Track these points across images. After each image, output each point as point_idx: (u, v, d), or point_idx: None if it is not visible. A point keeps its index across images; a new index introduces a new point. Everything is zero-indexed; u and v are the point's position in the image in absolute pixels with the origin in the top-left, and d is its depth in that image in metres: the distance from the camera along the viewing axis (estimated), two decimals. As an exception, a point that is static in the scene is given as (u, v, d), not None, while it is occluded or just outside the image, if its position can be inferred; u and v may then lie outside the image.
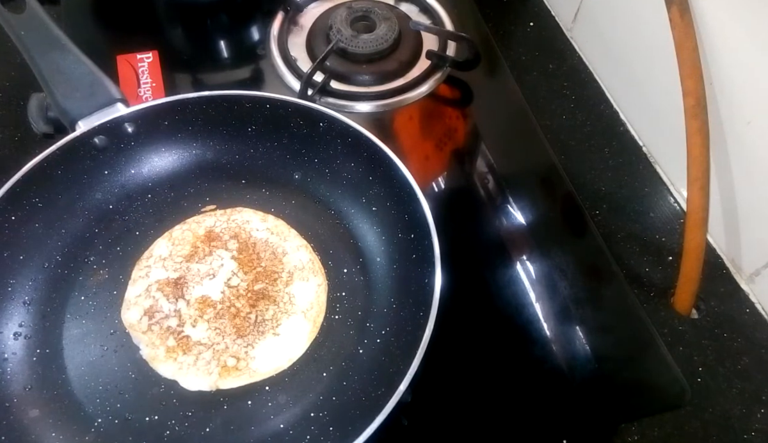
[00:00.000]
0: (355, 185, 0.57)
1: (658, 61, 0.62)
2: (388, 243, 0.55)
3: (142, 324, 0.51)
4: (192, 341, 0.50)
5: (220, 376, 0.49)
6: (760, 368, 0.55)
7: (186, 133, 0.58)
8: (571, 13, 0.78)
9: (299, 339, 0.51)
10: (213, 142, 0.59)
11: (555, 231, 0.63)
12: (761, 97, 0.53)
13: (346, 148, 0.56)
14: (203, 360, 0.49)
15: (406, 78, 0.71)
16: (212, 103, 0.57)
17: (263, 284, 0.53)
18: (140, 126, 0.56)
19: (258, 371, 0.49)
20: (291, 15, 0.76)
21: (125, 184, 0.57)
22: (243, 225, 0.57)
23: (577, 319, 0.57)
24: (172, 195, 0.58)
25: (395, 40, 0.71)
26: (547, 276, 0.59)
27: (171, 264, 0.54)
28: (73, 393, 0.47)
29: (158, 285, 0.53)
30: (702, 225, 0.55)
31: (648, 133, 0.70)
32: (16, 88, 0.72)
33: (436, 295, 0.46)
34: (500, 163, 0.68)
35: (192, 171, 0.59)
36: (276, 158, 0.59)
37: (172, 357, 0.49)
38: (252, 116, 0.58)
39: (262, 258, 0.55)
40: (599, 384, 0.53)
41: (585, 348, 0.55)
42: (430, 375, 0.52)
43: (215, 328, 0.51)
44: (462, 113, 0.73)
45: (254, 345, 0.50)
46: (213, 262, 0.55)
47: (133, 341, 0.50)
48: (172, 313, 0.52)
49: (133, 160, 0.57)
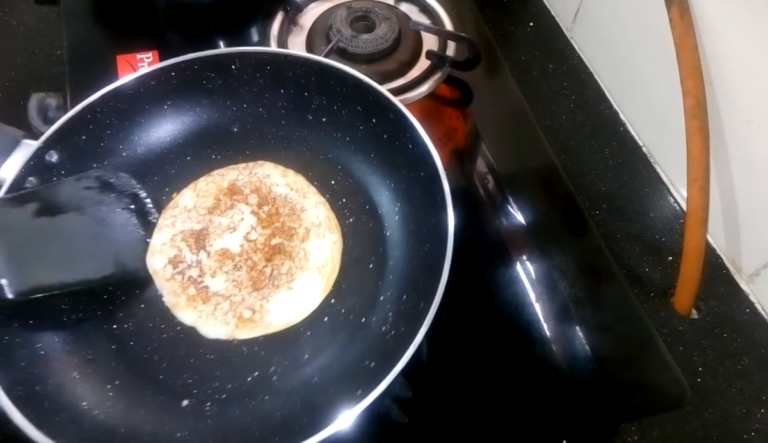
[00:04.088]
0: (370, 144, 0.57)
1: (658, 61, 0.62)
2: (404, 202, 0.55)
3: (166, 272, 0.53)
4: (211, 291, 0.52)
5: (236, 327, 0.50)
6: (760, 368, 0.55)
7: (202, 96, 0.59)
8: (571, 13, 0.78)
9: (312, 295, 0.52)
10: (230, 104, 0.60)
11: (555, 231, 0.63)
12: (761, 97, 0.53)
13: (359, 103, 0.57)
14: (221, 311, 0.51)
15: (405, 78, 0.71)
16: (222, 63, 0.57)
17: (280, 239, 0.54)
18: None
19: (272, 323, 0.51)
20: (291, 15, 0.76)
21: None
22: (264, 179, 0.58)
23: (577, 319, 0.57)
24: (188, 159, 0.59)
25: (395, 40, 0.71)
26: (547, 276, 0.59)
27: (195, 216, 0.56)
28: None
29: (182, 236, 0.54)
30: (702, 225, 0.55)
31: (648, 133, 0.70)
32: (16, 88, 0.72)
33: (450, 232, 0.46)
34: (500, 163, 0.68)
35: (211, 133, 0.60)
36: (292, 117, 0.60)
37: (192, 305, 0.51)
38: (272, 76, 0.58)
39: (281, 214, 0.56)
40: (599, 384, 0.53)
41: (585, 348, 0.55)
42: (430, 374, 0.52)
43: (233, 280, 0.52)
44: (462, 113, 0.73)
45: (269, 299, 0.52)
46: (234, 216, 0.56)
47: (155, 286, 0.52)
48: (194, 264, 0.53)
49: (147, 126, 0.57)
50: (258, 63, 0.57)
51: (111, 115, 0.55)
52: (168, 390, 0.47)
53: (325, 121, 0.59)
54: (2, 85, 0.73)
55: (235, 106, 0.60)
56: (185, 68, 0.56)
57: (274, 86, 0.59)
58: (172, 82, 0.57)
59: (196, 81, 0.58)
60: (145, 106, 0.57)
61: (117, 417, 0.45)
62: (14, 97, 0.70)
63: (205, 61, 0.57)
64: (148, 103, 0.57)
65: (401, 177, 0.55)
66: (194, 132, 0.59)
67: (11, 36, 0.78)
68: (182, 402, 0.46)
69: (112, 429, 0.44)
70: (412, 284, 0.50)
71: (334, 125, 0.59)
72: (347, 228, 0.56)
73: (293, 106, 0.59)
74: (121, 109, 0.55)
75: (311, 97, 0.59)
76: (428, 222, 0.50)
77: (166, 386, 0.47)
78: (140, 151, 0.57)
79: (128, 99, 0.55)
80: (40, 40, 0.78)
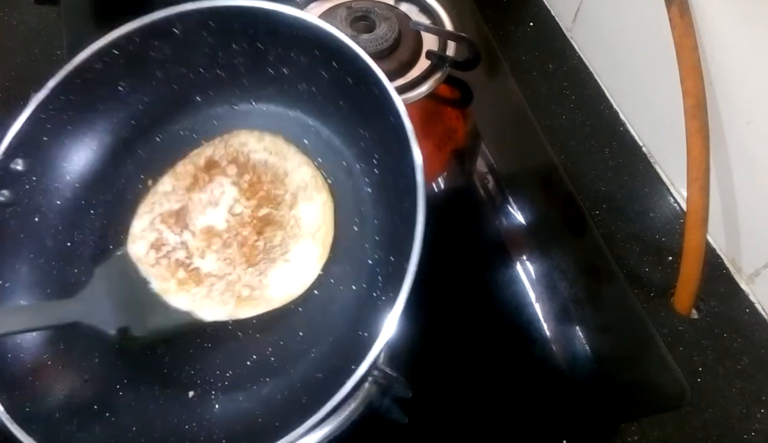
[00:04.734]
0: (337, 92, 0.53)
1: (658, 61, 0.62)
2: (380, 153, 0.51)
3: (150, 258, 0.50)
4: (203, 273, 0.50)
5: (236, 306, 0.48)
6: (760, 368, 0.55)
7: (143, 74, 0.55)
8: (571, 13, 0.78)
9: (310, 264, 0.50)
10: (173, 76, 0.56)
11: (555, 231, 0.63)
12: (761, 97, 0.53)
13: (315, 47, 0.52)
14: (217, 291, 0.49)
15: (405, 78, 0.71)
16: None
17: (267, 209, 0.52)
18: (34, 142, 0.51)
19: (273, 299, 0.49)
20: (291, 15, 0.76)
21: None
22: (240, 148, 0.55)
23: (577, 319, 0.57)
24: (158, 140, 0.56)
25: (395, 40, 0.71)
26: (547, 276, 0.59)
27: (174, 197, 0.53)
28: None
29: (161, 218, 0.52)
30: (702, 225, 0.54)
31: (648, 133, 0.70)
32: (16, 88, 0.72)
33: (420, 177, 0.43)
34: (500, 163, 0.68)
35: (172, 111, 0.57)
36: (253, 75, 0.57)
37: (185, 289, 0.49)
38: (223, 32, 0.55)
39: (264, 181, 0.53)
40: (599, 384, 0.53)
41: (585, 348, 0.55)
42: (430, 374, 0.52)
43: (224, 258, 0.50)
44: (462, 113, 0.73)
45: (266, 273, 0.49)
46: (214, 190, 0.53)
47: (141, 275, 0.50)
48: (179, 245, 0.51)
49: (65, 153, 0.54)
50: (200, 21, 0.53)
51: (66, 109, 0.52)
52: (174, 382, 0.47)
53: (287, 73, 0.55)
54: (2, 85, 0.72)
55: (192, 73, 0.56)
56: (126, 43, 0.53)
57: (224, 43, 0.55)
58: (118, 61, 0.53)
59: (143, 54, 0.54)
60: (98, 93, 0.54)
61: (127, 416, 0.45)
62: (14, 97, 0.70)
63: (144, 31, 0.53)
64: (101, 88, 0.54)
65: (373, 125, 0.51)
66: (157, 110, 0.56)
67: (11, 36, 0.78)
68: (189, 394, 0.46)
69: (123, 429, 0.44)
70: (398, 243, 0.45)
71: (297, 76, 0.55)
72: (336, 184, 0.53)
73: (251, 61, 0.55)
74: (73, 100, 0.52)
75: (266, 49, 0.55)
76: (405, 172, 0.46)
77: (172, 378, 0.47)
78: (107, 140, 0.55)
79: (78, 89, 0.52)
80: (40, 40, 0.78)
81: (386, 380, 0.47)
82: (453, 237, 0.62)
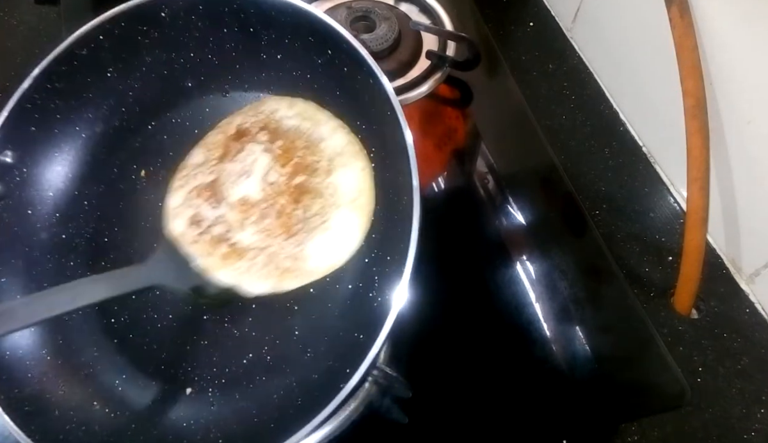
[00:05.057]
0: (333, 80, 0.52)
1: (658, 61, 0.62)
2: (378, 146, 0.50)
3: (190, 235, 0.49)
4: (244, 246, 0.48)
5: (279, 279, 0.47)
6: (760, 368, 0.55)
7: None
8: (571, 13, 0.78)
9: (351, 233, 0.48)
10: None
11: (555, 231, 0.63)
12: (761, 97, 0.53)
13: (308, 33, 0.51)
14: (259, 265, 0.47)
15: (405, 78, 0.71)
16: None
17: (303, 176, 0.50)
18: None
19: (316, 270, 0.48)
20: (291, 15, 0.76)
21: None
22: (271, 115, 0.53)
23: (577, 319, 0.57)
24: (150, 128, 0.55)
25: (395, 40, 0.71)
26: (547, 276, 0.59)
27: (206, 169, 0.52)
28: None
29: (196, 191, 0.51)
30: (702, 225, 0.54)
31: (648, 133, 0.70)
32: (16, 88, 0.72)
33: (414, 173, 0.43)
34: (500, 163, 0.68)
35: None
36: (245, 60, 0.55)
37: (229, 263, 0.48)
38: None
39: (297, 148, 0.51)
40: (599, 384, 0.53)
41: (585, 348, 0.55)
42: (430, 374, 0.52)
43: (264, 230, 0.49)
44: (462, 113, 0.73)
45: (307, 244, 0.48)
46: (247, 158, 0.51)
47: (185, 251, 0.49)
48: (217, 220, 0.49)
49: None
50: (187, 4, 0.52)
51: (53, 98, 0.51)
52: (171, 379, 0.47)
53: (280, 58, 0.53)
54: (2, 85, 0.72)
55: (182, 57, 0.54)
56: (112, 28, 0.51)
57: (214, 27, 0.53)
58: (104, 46, 0.51)
59: (130, 39, 0.52)
60: (86, 79, 0.52)
61: (127, 413, 0.45)
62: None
63: (130, 15, 0.51)
64: (89, 74, 0.52)
65: (371, 117, 0.49)
66: (148, 96, 0.55)
67: (11, 36, 0.78)
68: (186, 391, 0.47)
69: (122, 427, 0.44)
70: (395, 243, 0.44)
71: (291, 62, 0.53)
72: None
73: (242, 46, 0.54)
74: (60, 88, 0.51)
75: (258, 33, 0.53)
76: (403, 169, 0.45)
77: (169, 375, 0.47)
78: (98, 129, 0.53)
79: (64, 75, 0.50)
80: (40, 40, 0.78)
81: (386, 380, 0.47)
82: (453, 237, 0.62)
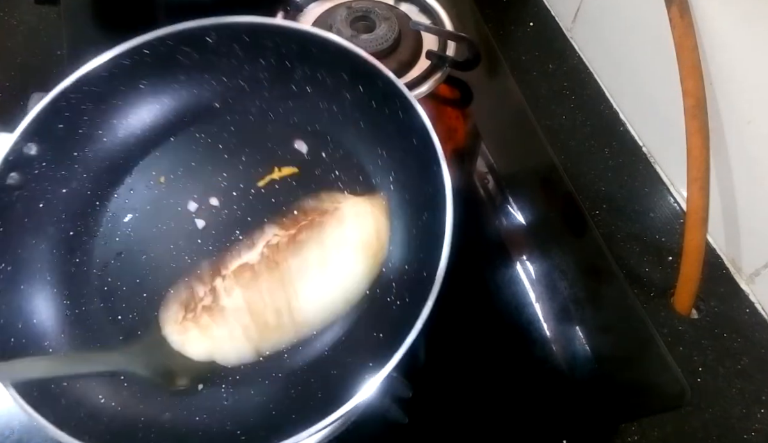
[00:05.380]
0: (358, 113, 0.55)
1: (658, 62, 0.62)
2: (398, 171, 0.53)
3: (177, 318, 0.48)
4: (227, 311, 0.47)
5: (260, 339, 0.47)
6: (760, 368, 0.55)
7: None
8: (571, 13, 0.78)
9: (354, 281, 0.49)
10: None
11: (555, 231, 0.63)
12: (761, 97, 0.53)
13: (344, 71, 0.54)
14: (240, 329, 0.47)
15: (405, 78, 0.71)
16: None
17: (307, 233, 0.50)
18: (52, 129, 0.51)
19: (306, 322, 0.48)
20: (291, 15, 0.76)
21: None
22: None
23: (577, 319, 0.57)
24: (172, 140, 0.56)
25: (395, 40, 0.71)
26: (547, 276, 0.59)
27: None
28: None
29: (196, 276, 0.50)
30: (702, 225, 0.55)
31: (648, 133, 0.70)
32: (16, 88, 0.72)
33: (449, 198, 0.46)
34: (500, 163, 0.68)
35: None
36: (275, 89, 0.57)
37: (206, 335, 0.47)
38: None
39: (307, 215, 0.52)
40: (599, 384, 0.53)
41: (585, 348, 0.55)
42: (430, 374, 0.52)
43: (253, 289, 0.48)
44: (462, 113, 0.73)
45: (299, 295, 0.48)
46: (254, 234, 0.51)
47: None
48: (207, 293, 0.49)
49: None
50: (234, 33, 0.54)
51: (86, 100, 0.52)
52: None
53: (310, 92, 0.56)
54: (2, 85, 0.72)
55: (215, 80, 0.57)
56: (158, 45, 0.53)
57: (253, 57, 0.56)
58: (146, 60, 0.54)
59: (171, 57, 0.55)
60: (120, 88, 0.54)
61: (134, 407, 0.45)
62: (14, 97, 0.70)
63: (178, 36, 0.54)
64: (123, 83, 0.54)
65: (393, 145, 0.53)
66: (174, 111, 0.56)
67: (11, 36, 0.78)
68: (198, 387, 0.47)
69: (131, 420, 0.44)
70: (414, 254, 0.49)
71: (320, 95, 0.56)
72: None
73: (275, 77, 0.56)
74: (95, 92, 0.52)
75: (293, 67, 0.55)
76: (425, 190, 0.49)
77: None
78: (120, 135, 0.55)
79: (102, 81, 0.52)
80: (40, 40, 0.78)
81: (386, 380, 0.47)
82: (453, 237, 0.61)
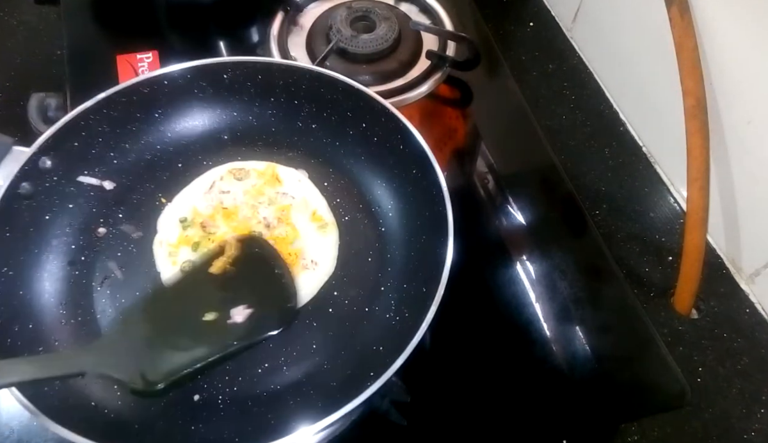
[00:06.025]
0: (360, 147, 0.59)
1: (658, 61, 0.62)
2: (397, 199, 0.57)
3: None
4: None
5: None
6: (760, 368, 0.55)
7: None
8: (571, 13, 0.78)
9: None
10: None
11: (555, 231, 0.63)
12: (761, 97, 0.53)
13: (349, 109, 0.58)
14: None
15: (405, 78, 0.71)
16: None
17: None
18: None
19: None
20: (291, 15, 0.76)
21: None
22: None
23: (577, 319, 0.57)
24: (179, 166, 0.60)
25: (395, 40, 0.71)
26: (547, 276, 0.59)
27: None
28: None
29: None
30: (702, 225, 0.54)
31: (648, 133, 0.70)
32: (16, 88, 0.72)
33: (450, 222, 0.49)
34: (500, 163, 0.68)
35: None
36: (282, 124, 0.62)
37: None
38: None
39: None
40: (599, 384, 0.53)
41: (585, 348, 0.55)
42: (430, 373, 0.52)
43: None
44: (462, 113, 0.73)
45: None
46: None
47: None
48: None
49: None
50: (250, 72, 0.59)
51: (103, 122, 0.55)
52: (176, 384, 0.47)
53: (314, 127, 0.61)
54: (2, 85, 0.73)
55: (225, 114, 0.61)
56: (178, 77, 0.58)
57: (264, 95, 0.60)
58: (164, 90, 0.58)
59: (188, 90, 0.59)
60: (136, 114, 0.57)
61: (128, 414, 0.45)
62: (14, 97, 0.70)
63: (197, 71, 0.58)
64: (140, 111, 0.58)
65: (392, 176, 0.57)
66: (184, 139, 0.60)
67: (11, 36, 0.78)
68: (194, 397, 0.47)
69: (124, 426, 0.44)
70: (413, 273, 0.52)
71: (324, 131, 0.60)
72: (344, 225, 0.57)
73: (283, 113, 0.61)
74: (113, 116, 0.56)
75: (301, 105, 0.60)
76: (423, 215, 0.53)
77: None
78: (130, 158, 0.58)
79: (121, 106, 0.56)
80: (40, 40, 0.78)
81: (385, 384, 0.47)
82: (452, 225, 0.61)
